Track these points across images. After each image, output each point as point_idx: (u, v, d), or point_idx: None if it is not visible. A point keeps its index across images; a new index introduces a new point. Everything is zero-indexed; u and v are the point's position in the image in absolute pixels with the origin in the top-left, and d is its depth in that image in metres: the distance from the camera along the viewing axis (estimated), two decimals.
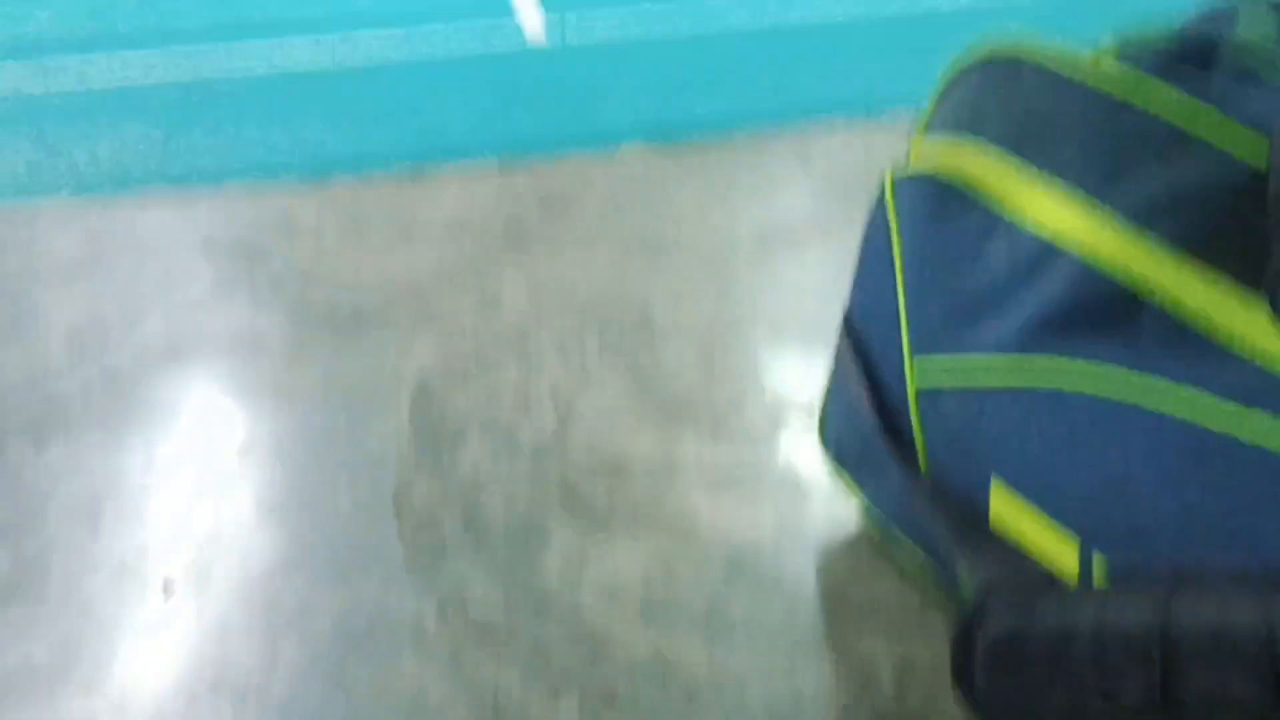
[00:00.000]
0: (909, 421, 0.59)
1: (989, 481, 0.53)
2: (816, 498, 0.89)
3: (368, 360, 1.20)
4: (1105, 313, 0.52)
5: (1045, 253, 0.54)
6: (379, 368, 1.18)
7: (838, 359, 0.66)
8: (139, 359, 1.23)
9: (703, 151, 1.78)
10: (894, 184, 0.61)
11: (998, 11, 2.61)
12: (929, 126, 0.64)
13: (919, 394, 0.57)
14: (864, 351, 0.63)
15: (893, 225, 0.61)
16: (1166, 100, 0.54)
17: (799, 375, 1.13)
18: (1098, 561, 0.49)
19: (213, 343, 1.26)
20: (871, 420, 0.61)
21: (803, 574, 0.81)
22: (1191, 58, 0.56)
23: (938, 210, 0.58)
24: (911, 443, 0.59)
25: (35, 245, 1.56)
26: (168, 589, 0.88)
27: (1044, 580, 0.50)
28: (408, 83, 2.27)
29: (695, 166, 1.71)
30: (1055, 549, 0.50)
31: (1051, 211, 0.55)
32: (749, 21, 2.66)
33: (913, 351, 0.60)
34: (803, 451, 0.96)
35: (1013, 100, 0.61)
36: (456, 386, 1.14)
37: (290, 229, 1.56)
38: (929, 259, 0.60)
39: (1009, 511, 0.52)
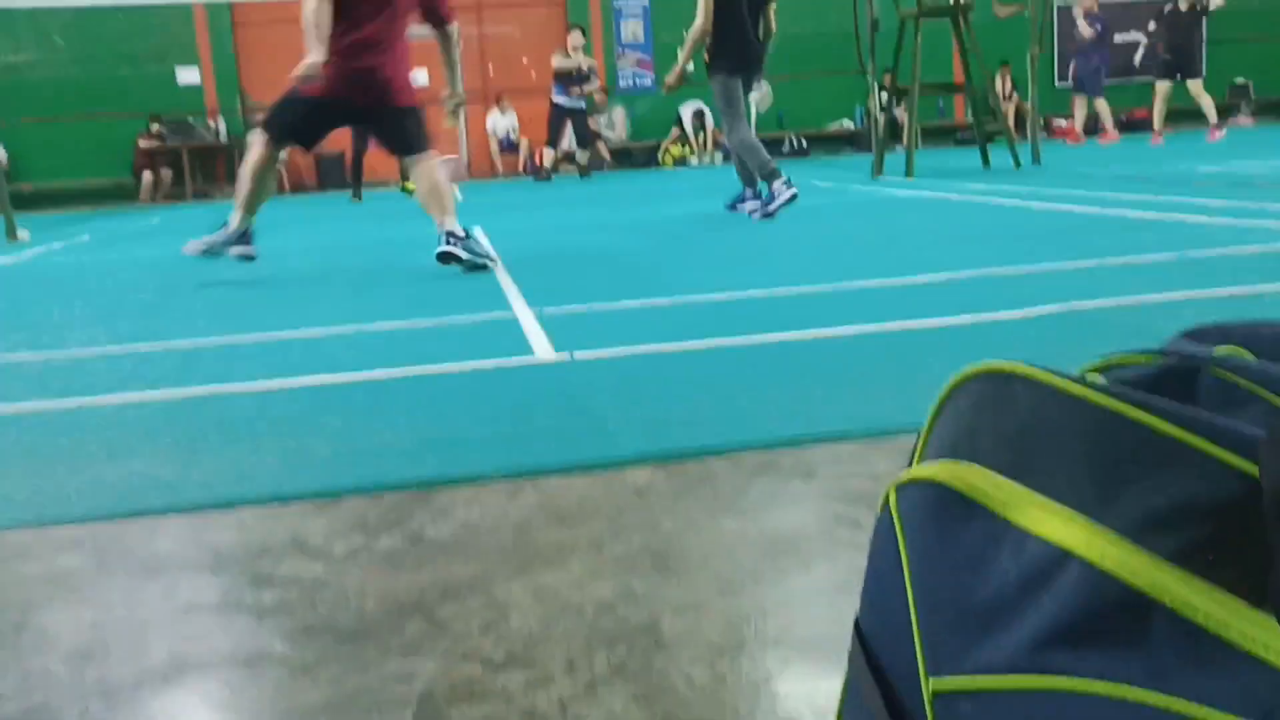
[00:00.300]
0: None
1: None
2: None
3: (372, 676, 1.17)
4: (1117, 622, 0.52)
5: (1053, 561, 0.55)
6: (383, 684, 1.16)
7: (851, 669, 0.66)
8: (139, 679, 1.20)
9: (708, 467, 1.81)
10: (898, 491, 0.63)
11: (988, 331, 2.74)
12: (926, 448, 0.66)
13: (934, 699, 0.56)
14: (876, 661, 0.63)
15: (899, 534, 0.62)
16: (1158, 412, 0.56)
17: (810, 688, 1.10)
18: None
19: (215, 662, 1.24)
20: None
21: None
22: (1176, 376, 0.59)
23: (942, 517, 0.59)
24: None
25: (42, 565, 1.57)
26: None
27: None
28: (417, 399, 2.35)
29: (701, 482, 1.74)
30: None
31: (1054, 522, 0.56)
32: (751, 342, 2.78)
33: (928, 670, 0.59)
34: None
35: (1005, 416, 0.63)
36: (463, 701, 1.11)
37: (299, 548, 1.57)
38: (937, 568, 0.60)
39: None
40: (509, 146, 17.15)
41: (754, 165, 6.49)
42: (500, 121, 17.12)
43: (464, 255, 4.67)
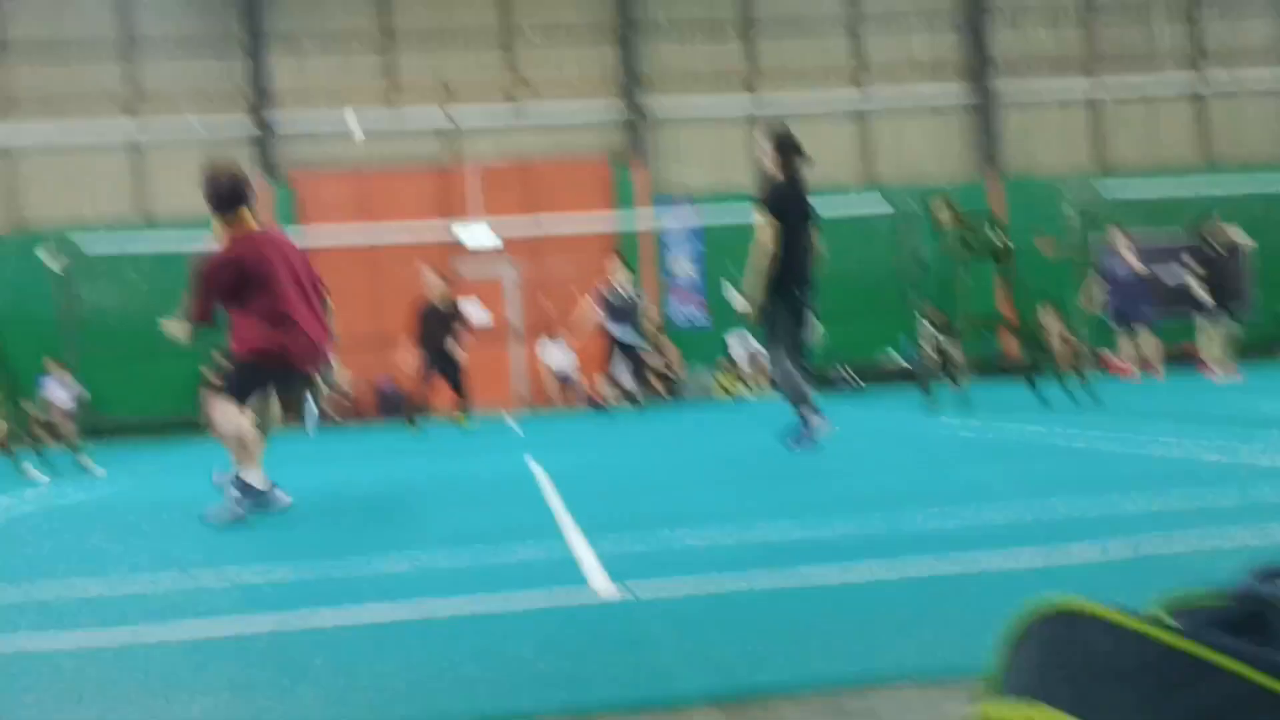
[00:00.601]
0: None
1: None
2: None
3: None
4: None
5: None
6: None
7: None
8: None
9: (772, 710, 1.78)
10: None
11: (1054, 570, 2.70)
12: (994, 689, 0.66)
13: None
14: None
15: None
16: (1233, 654, 0.55)
17: None
18: None
19: None
20: None
21: None
22: (1248, 616, 0.59)
23: None
24: None
25: None
26: None
27: None
28: (473, 633, 2.33)
29: None
30: None
31: None
32: (812, 577, 2.75)
33: None
34: None
35: (1075, 655, 0.63)
36: None
37: None
38: None
39: None
40: (566, 380, 17.43)
41: (789, 393, 6.55)
42: (556, 356, 17.50)
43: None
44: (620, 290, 12.85)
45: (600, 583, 2.84)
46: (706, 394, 17.20)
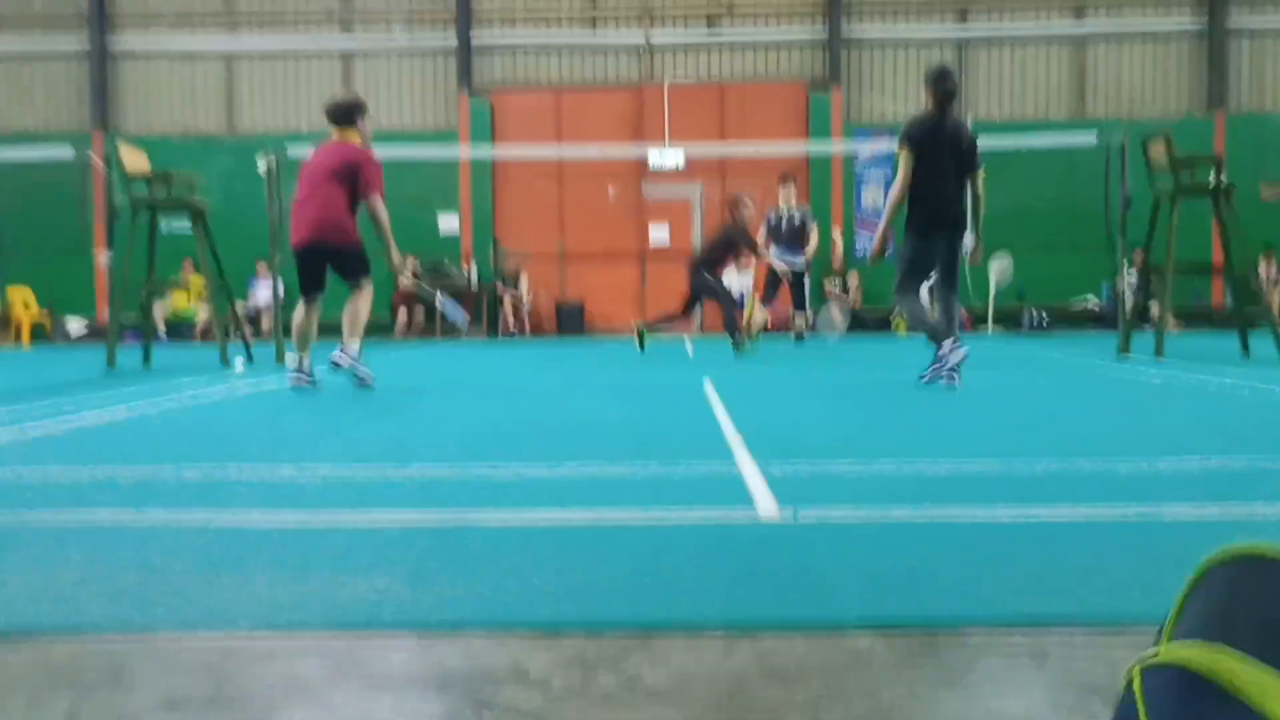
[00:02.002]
0: None
1: None
2: None
3: None
4: None
5: None
6: None
7: None
8: None
9: (932, 640, 1.75)
10: (1143, 674, 0.60)
11: (1240, 524, 2.55)
12: (1175, 630, 0.63)
13: None
14: None
15: (1142, 717, 0.59)
16: None
17: None
18: None
19: None
20: None
21: None
22: None
23: (1194, 705, 0.57)
24: None
25: (277, 672, 1.66)
26: None
27: None
28: (640, 544, 2.38)
29: (924, 654, 1.69)
30: None
31: None
32: (981, 514, 2.70)
33: None
34: None
35: (1266, 601, 0.60)
36: None
37: (519, 678, 1.61)
38: None
39: None
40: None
41: (921, 328, 6.52)
42: (734, 280, 17.46)
43: (345, 365, 6.72)
44: (788, 213, 12.20)
45: (766, 504, 2.85)
46: (887, 327, 16.87)
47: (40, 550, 2.40)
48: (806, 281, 12.40)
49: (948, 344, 6.23)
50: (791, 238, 12.13)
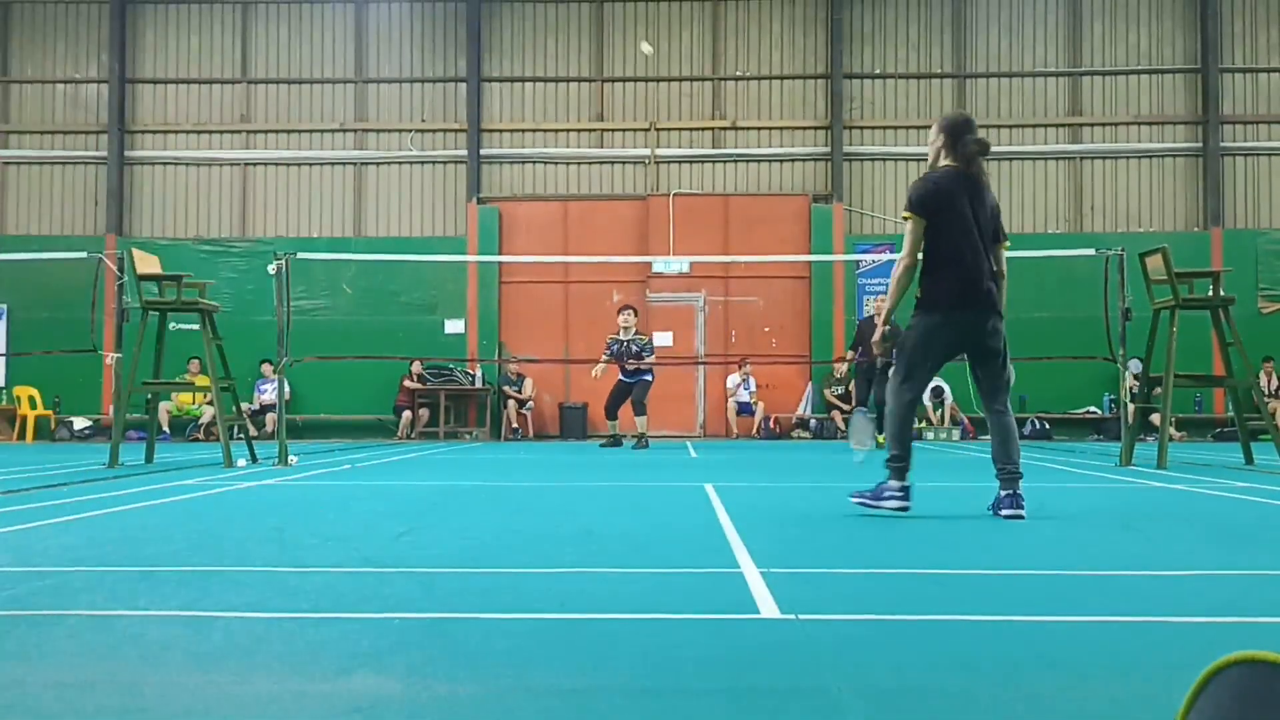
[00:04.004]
0: None
1: None
2: None
3: None
4: None
5: None
6: None
7: None
8: None
9: None
10: None
11: (1246, 636, 2.53)
12: None
13: None
14: None
15: None
16: None
17: None
18: None
19: None
20: None
21: None
22: None
23: None
24: None
25: None
26: None
27: None
28: (641, 646, 2.35)
29: None
30: None
31: None
32: (983, 621, 2.68)
33: None
34: None
35: (1268, 708, 0.60)
36: None
37: None
38: None
39: None
40: (746, 410, 17.54)
41: (891, 442, 5.19)
42: (740, 388, 17.60)
43: None
44: (628, 340, 13.36)
45: (768, 608, 2.83)
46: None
47: (20, 647, 2.39)
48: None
49: (893, 487, 5.06)
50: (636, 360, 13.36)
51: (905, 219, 5.22)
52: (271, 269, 9.73)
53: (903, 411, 5.20)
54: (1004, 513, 5.01)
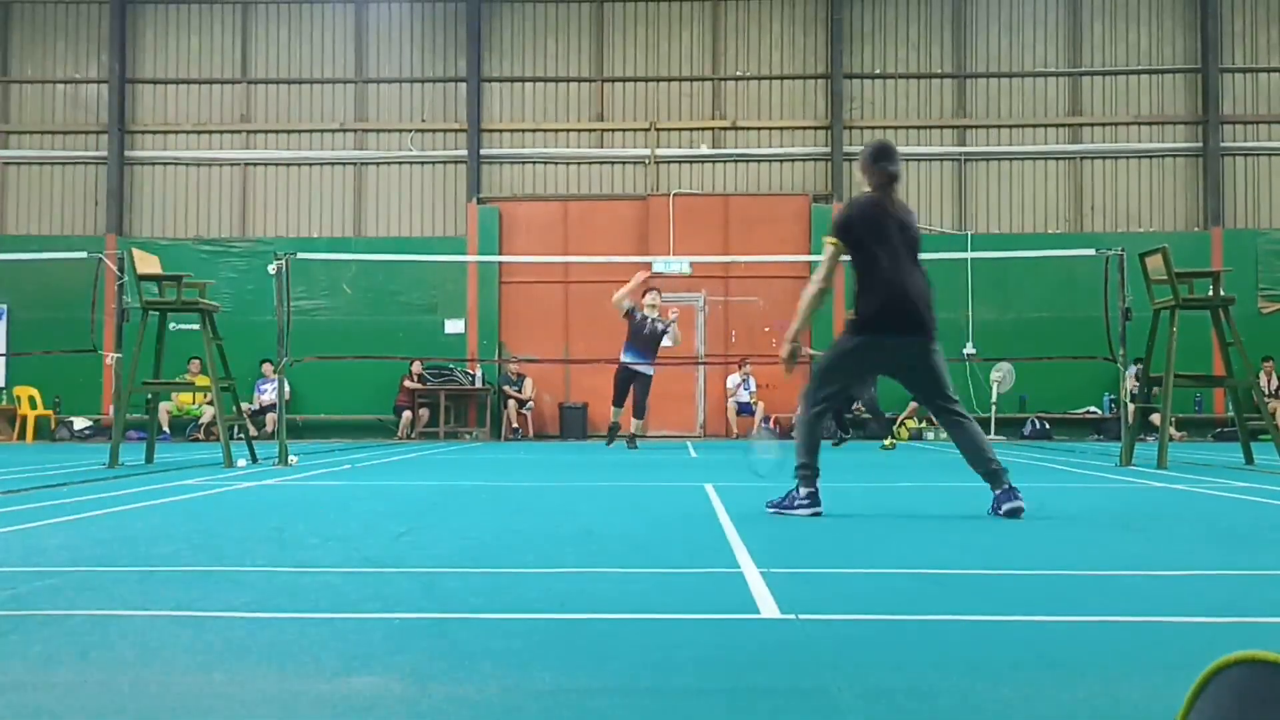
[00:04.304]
0: None
1: None
2: None
3: None
4: None
5: None
6: None
7: None
8: None
9: None
10: None
11: (1246, 636, 2.53)
12: None
13: None
14: None
15: None
16: None
17: None
18: None
19: None
20: None
21: None
22: None
23: None
24: None
25: None
26: None
27: None
28: (642, 645, 2.35)
29: None
30: None
31: None
32: (984, 621, 2.68)
33: None
34: None
35: (1268, 707, 0.60)
36: None
37: None
38: None
39: None
40: (746, 410, 17.54)
41: (798, 450, 5.26)
42: (740, 388, 17.61)
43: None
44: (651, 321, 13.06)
45: (768, 607, 2.83)
46: (890, 434, 16.84)
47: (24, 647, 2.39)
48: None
49: (802, 493, 5.15)
50: (649, 345, 13.04)
51: (827, 243, 5.25)
52: (271, 269, 9.73)
53: (811, 422, 5.28)
54: (1004, 509, 4.96)
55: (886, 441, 13.59)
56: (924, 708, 1.94)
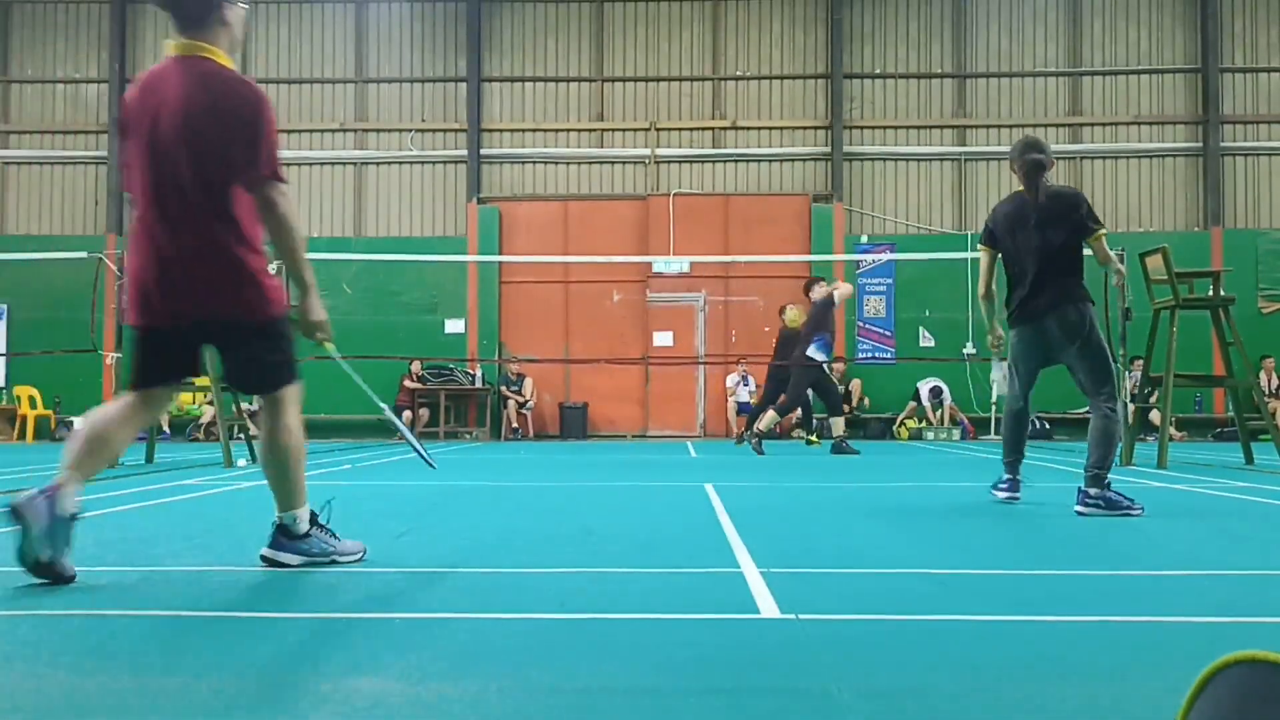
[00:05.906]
0: None
1: None
2: None
3: None
4: None
5: None
6: None
7: None
8: None
9: None
10: None
11: (1246, 635, 2.53)
12: None
13: None
14: None
15: None
16: None
17: None
18: None
19: None
20: None
21: None
22: None
23: None
24: None
25: None
26: None
27: None
28: (642, 645, 2.36)
29: None
30: None
31: None
32: (986, 620, 2.68)
33: None
34: None
35: (1268, 706, 0.60)
36: None
37: None
38: None
39: None
40: (746, 410, 17.52)
41: (1004, 439, 6.24)
42: (740, 386, 17.59)
43: (294, 561, 3.50)
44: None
45: (768, 607, 2.83)
46: (889, 434, 16.86)
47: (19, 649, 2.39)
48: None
49: (1006, 481, 6.04)
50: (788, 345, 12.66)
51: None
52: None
53: (1009, 409, 6.41)
54: (1076, 507, 5.43)
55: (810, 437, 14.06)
56: (924, 708, 1.94)
